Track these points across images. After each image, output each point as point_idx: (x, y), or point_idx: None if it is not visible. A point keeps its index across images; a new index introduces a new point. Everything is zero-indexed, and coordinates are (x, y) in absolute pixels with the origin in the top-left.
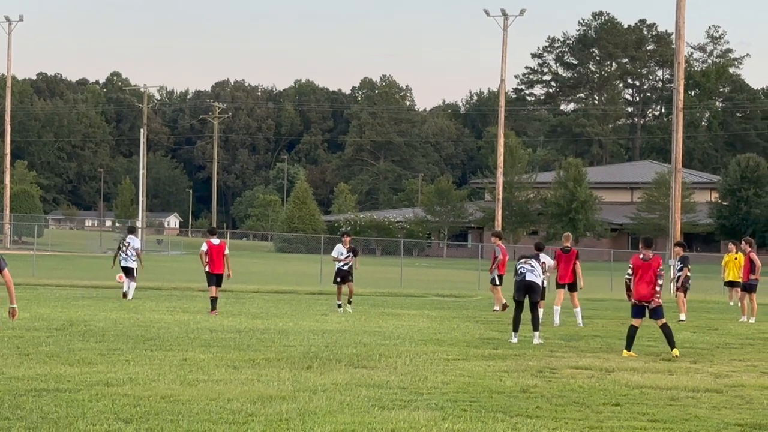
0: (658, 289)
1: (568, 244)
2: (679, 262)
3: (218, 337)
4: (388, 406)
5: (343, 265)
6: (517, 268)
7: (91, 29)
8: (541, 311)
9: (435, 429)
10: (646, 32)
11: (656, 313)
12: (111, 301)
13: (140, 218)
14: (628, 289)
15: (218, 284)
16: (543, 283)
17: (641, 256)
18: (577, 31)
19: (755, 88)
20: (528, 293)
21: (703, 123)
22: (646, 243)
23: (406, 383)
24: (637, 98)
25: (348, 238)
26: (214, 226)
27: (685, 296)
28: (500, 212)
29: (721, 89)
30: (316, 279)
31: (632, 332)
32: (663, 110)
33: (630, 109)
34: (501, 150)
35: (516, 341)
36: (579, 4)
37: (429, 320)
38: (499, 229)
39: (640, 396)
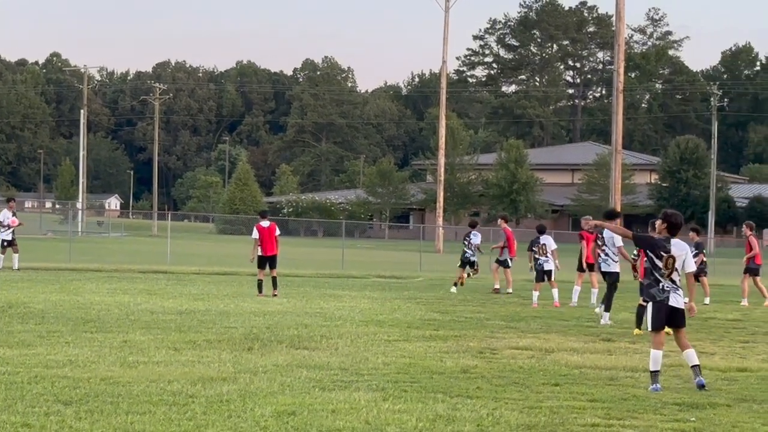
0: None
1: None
2: (693, 248)
3: (159, 319)
4: (328, 387)
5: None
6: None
7: (30, 9)
8: (556, 291)
9: (376, 410)
10: (586, 14)
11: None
12: (51, 284)
13: (80, 200)
14: (635, 269)
15: (272, 266)
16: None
17: None
18: (519, 12)
19: (694, 71)
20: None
21: (643, 105)
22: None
23: (347, 364)
24: (578, 80)
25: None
26: (265, 209)
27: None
28: (442, 194)
29: (661, 71)
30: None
31: (641, 311)
32: (603, 92)
33: (571, 91)
34: (442, 131)
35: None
36: None
37: (370, 301)
38: (441, 210)
39: (579, 376)
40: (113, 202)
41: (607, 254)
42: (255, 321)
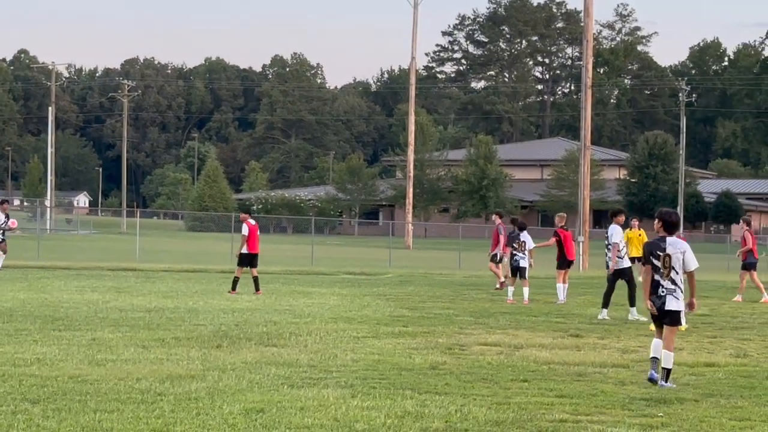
0: None
1: (564, 224)
2: None
3: (127, 317)
4: (297, 384)
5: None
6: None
7: None
8: (527, 289)
9: (344, 406)
10: (555, 10)
11: None
12: (19, 281)
13: (49, 197)
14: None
15: (254, 264)
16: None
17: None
18: (487, 8)
19: (663, 66)
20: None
21: (611, 100)
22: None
23: (316, 361)
24: (547, 76)
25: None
26: (249, 207)
27: None
28: (411, 190)
29: (630, 67)
30: (227, 257)
31: None
32: (572, 88)
33: (540, 87)
34: (412, 128)
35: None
36: None
37: (340, 298)
38: (410, 206)
39: (548, 372)
40: (82, 200)
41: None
42: (224, 318)
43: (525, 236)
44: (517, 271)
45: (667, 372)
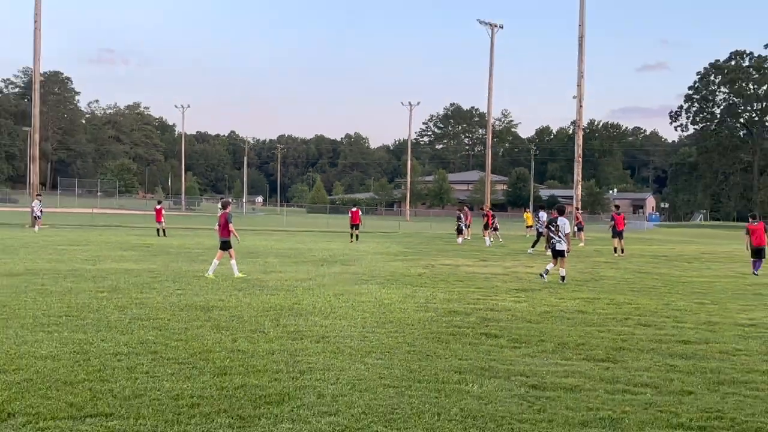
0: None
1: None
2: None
3: None
4: (359, 282)
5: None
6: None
7: None
8: (564, 270)
9: (378, 292)
10: (475, 114)
11: None
12: None
13: None
14: None
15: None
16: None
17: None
18: (444, 109)
19: None
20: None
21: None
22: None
23: (367, 271)
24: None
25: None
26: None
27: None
28: (408, 194)
29: None
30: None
31: None
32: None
33: (467, 148)
34: (409, 164)
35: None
36: None
37: (376, 244)
38: (408, 203)
39: (471, 277)
40: None
41: None
42: (323, 254)
43: (562, 221)
44: (557, 254)
45: None
